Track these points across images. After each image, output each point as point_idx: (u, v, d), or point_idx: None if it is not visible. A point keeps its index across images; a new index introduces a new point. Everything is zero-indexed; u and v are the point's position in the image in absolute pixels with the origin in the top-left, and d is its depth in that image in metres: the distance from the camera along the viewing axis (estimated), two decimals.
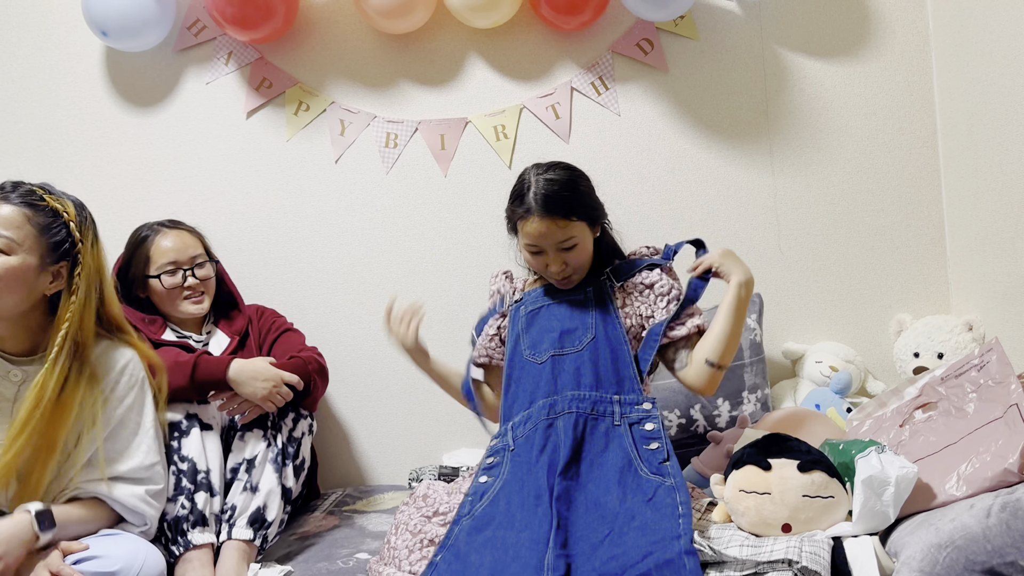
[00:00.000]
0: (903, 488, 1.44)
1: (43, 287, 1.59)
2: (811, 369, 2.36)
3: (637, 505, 1.54)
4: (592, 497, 1.59)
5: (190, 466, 1.81)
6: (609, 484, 1.60)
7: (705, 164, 2.47)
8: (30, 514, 1.52)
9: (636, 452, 1.65)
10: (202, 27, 2.47)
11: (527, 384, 1.81)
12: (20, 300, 1.56)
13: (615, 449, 1.66)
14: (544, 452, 1.68)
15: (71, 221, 1.60)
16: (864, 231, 2.46)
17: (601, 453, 1.67)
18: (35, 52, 2.52)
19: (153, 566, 1.60)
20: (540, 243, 1.80)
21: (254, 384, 1.87)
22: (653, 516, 1.50)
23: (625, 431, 1.69)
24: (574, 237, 1.79)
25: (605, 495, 1.58)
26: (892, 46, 2.43)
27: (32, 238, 1.56)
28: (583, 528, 1.53)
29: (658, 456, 1.64)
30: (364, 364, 2.51)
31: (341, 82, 2.50)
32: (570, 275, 1.85)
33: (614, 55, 2.46)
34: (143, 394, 1.71)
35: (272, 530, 1.87)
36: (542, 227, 1.77)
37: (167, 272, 2.07)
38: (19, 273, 1.54)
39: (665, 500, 1.53)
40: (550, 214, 1.76)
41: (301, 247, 2.51)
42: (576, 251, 1.82)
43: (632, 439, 1.68)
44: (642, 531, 1.47)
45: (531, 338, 1.86)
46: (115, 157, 2.51)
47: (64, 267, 1.60)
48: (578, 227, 1.79)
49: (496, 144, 2.47)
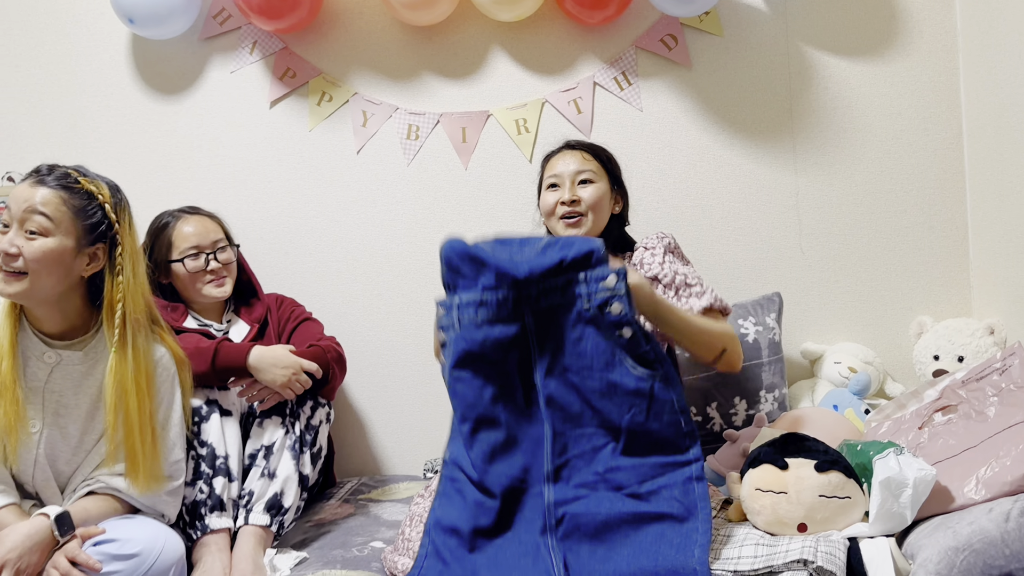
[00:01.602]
0: (921, 490, 1.44)
1: (80, 269, 1.61)
2: (830, 370, 2.35)
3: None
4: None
5: (209, 451, 1.83)
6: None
7: (727, 161, 2.46)
8: (49, 519, 1.54)
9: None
10: (227, 16, 2.49)
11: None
12: (57, 282, 1.59)
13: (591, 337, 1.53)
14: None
15: (106, 203, 1.62)
16: (886, 232, 2.44)
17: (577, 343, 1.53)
18: (63, 39, 2.54)
19: (172, 550, 1.62)
20: (560, 171, 1.90)
21: (274, 371, 1.89)
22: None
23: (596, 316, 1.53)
24: (593, 172, 1.90)
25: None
26: (919, 45, 2.41)
27: (68, 220, 1.58)
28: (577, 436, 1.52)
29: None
30: (381, 355, 2.52)
31: (364, 73, 2.51)
32: (579, 212, 1.85)
33: (637, 50, 2.46)
34: (173, 389, 1.74)
35: (288, 516, 1.88)
36: (565, 155, 1.94)
37: (190, 256, 2.09)
38: (56, 255, 1.57)
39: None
40: (576, 147, 1.96)
41: (321, 237, 2.52)
42: (591, 190, 1.87)
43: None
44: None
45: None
46: (140, 144, 2.53)
47: (101, 249, 1.62)
48: (599, 171, 1.92)
49: (517, 138, 2.47)
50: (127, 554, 1.55)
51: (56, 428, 1.65)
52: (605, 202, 1.89)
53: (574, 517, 1.46)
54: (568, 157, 1.93)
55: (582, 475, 1.50)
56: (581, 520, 1.46)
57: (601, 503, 1.47)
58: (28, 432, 1.62)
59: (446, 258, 1.58)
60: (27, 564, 1.49)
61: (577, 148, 1.95)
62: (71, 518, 1.56)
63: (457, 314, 1.55)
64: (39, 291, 1.57)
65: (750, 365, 2.24)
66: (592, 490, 1.49)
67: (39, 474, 1.65)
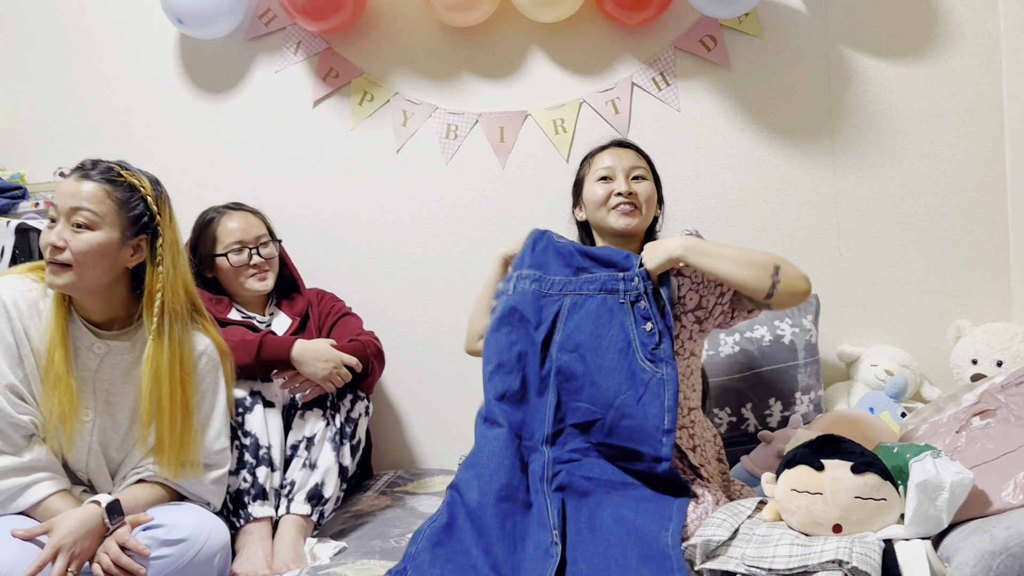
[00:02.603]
0: (958, 494, 1.44)
1: (124, 260, 1.66)
2: (866, 372, 2.34)
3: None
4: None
5: (253, 441, 1.87)
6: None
7: (766, 163, 2.46)
8: (100, 507, 1.59)
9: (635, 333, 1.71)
10: (273, 16, 2.54)
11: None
12: (103, 273, 1.63)
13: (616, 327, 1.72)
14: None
15: (148, 195, 1.67)
16: (925, 234, 2.43)
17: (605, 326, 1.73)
18: (113, 39, 2.61)
19: (218, 537, 1.66)
20: (612, 164, 1.90)
21: (316, 364, 1.93)
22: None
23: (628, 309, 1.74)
24: (644, 170, 1.90)
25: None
26: (961, 48, 2.39)
27: (113, 212, 1.62)
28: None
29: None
30: (418, 350, 2.56)
31: (405, 73, 2.55)
32: (635, 204, 1.85)
33: (676, 51, 2.47)
34: (217, 379, 1.78)
35: (328, 506, 1.93)
36: (617, 151, 1.93)
37: (234, 251, 2.15)
38: (103, 247, 1.61)
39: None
40: (627, 146, 1.95)
41: (361, 234, 2.56)
42: (645, 186, 1.89)
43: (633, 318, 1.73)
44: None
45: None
46: (186, 141, 2.60)
47: (143, 240, 1.67)
48: (648, 171, 1.92)
49: (555, 138, 2.50)
50: (175, 539, 1.59)
51: (107, 416, 1.70)
52: (654, 201, 1.91)
53: (568, 475, 1.65)
54: (621, 152, 1.92)
55: (575, 442, 1.68)
56: (573, 479, 1.64)
57: (592, 468, 1.66)
58: (82, 421, 1.67)
59: (529, 240, 1.86)
60: (80, 549, 1.54)
61: (628, 147, 1.96)
62: (121, 505, 1.61)
63: (514, 283, 1.81)
64: (86, 282, 1.62)
65: (786, 367, 2.24)
66: (584, 455, 1.67)
67: (92, 461, 1.70)
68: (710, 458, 1.81)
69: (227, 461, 1.79)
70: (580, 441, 1.68)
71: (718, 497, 1.68)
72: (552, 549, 1.51)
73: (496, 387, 1.72)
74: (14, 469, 1.59)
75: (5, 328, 1.60)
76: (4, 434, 1.59)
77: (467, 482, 1.61)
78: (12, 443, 1.59)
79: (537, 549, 1.52)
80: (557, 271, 1.81)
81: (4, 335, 1.60)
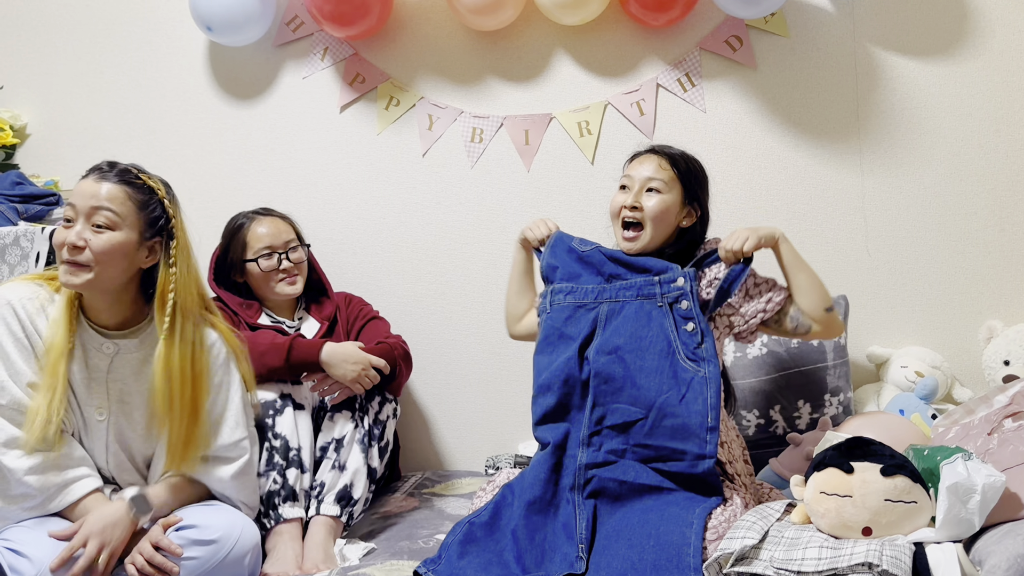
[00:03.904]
0: (990, 496, 1.42)
1: (140, 261, 1.69)
2: (896, 374, 2.32)
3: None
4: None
5: (283, 443, 1.90)
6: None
7: (792, 163, 2.45)
8: (125, 500, 1.62)
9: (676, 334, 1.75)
10: (300, 23, 2.57)
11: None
12: (120, 273, 1.67)
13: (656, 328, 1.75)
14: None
15: (164, 198, 1.70)
16: (955, 234, 2.40)
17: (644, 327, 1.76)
18: (144, 46, 2.66)
19: (249, 537, 1.68)
20: (633, 173, 1.89)
21: (344, 366, 1.95)
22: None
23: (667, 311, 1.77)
24: (663, 182, 1.85)
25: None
26: (991, 45, 2.37)
27: (133, 214, 1.65)
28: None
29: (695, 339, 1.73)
30: (445, 353, 2.57)
31: (430, 78, 2.56)
32: (638, 221, 1.84)
33: (702, 52, 2.46)
34: (229, 371, 1.80)
35: (358, 508, 1.95)
36: (645, 160, 1.90)
37: (263, 256, 2.17)
38: (123, 247, 1.65)
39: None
40: (658, 152, 1.91)
41: (388, 237, 2.58)
42: (656, 200, 1.84)
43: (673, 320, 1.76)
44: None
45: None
46: (216, 147, 2.63)
47: (158, 242, 1.70)
48: (671, 181, 1.87)
49: (580, 140, 2.50)
50: (206, 540, 1.62)
51: (123, 416, 1.73)
52: (670, 215, 1.85)
53: (600, 481, 1.67)
54: (646, 162, 1.89)
55: (612, 443, 1.70)
56: (606, 484, 1.66)
57: (627, 471, 1.67)
58: (96, 420, 1.71)
59: (550, 249, 1.93)
60: (110, 537, 1.58)
61: (658, 154, 1.90)
62: (146, 497, 1.64)
63: (550, 299, 1.86)
64: (103, 282, 1.65)
65: (815, 368, 2.23)
66: (620, 457, 1.69)
67: (112, 459, 1.73)
68: (737, 456, 1.81)
69: (245, 452, 1.78)
70: (618, 442, 1.69)
71: (747, 500, 1.68)
72: (577, 564, 1.56)
73: (538, 409, 1.78)
74: (50, 464, 1.62)
75: (17, 330, 1.63)
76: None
77: (512, 489, 1.70)
78: (44, 439, 1.61)
79: (563, 562, 1.57)
80: (588, 279, 1.84)
81: (18, 336, 1.63)
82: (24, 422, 1.60)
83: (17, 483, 1.59)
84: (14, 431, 1.60)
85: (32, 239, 2.26)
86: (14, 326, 1.63)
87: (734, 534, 1.53)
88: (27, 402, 1.60)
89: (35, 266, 2.24)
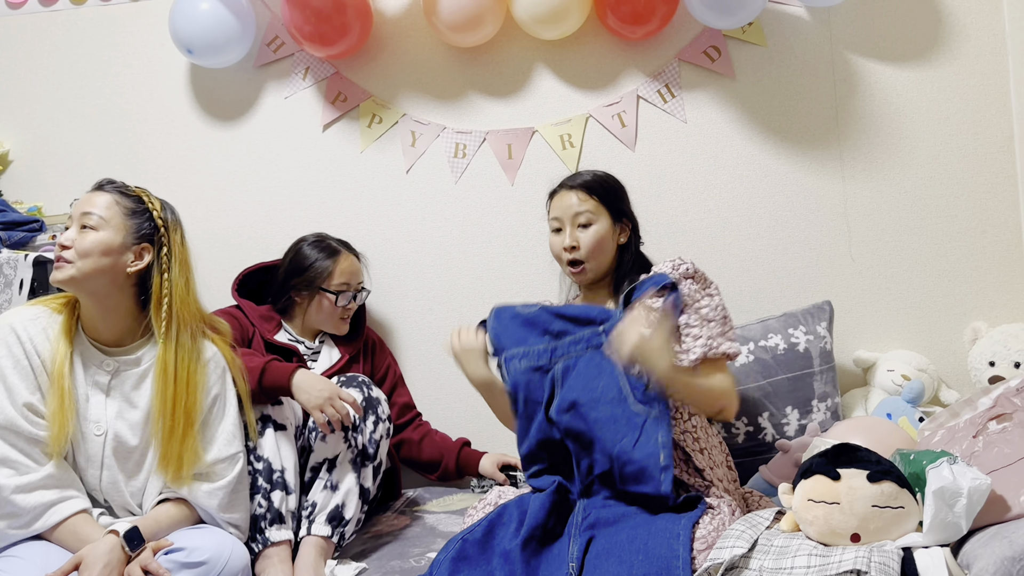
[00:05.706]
0: (976, 500, 1.43)
1: (126, 263, 1.73)
2: (883, 378, 2.33)
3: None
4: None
5: (266, 465, 1.88)
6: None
7: (774, 171, 2.46)
8: (119, 536, 1.62)
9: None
10: (281, 43, 2.57)
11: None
12: (102, 272, 1.71)
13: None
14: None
15: (154, 209, 1.78)
16: (938, 237, 2.42)
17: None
18: (124, 70, 2.66)
19: (238, 559, 1.68)
20: (559, 214, 1.92)
21: (311, 391, 1.91)
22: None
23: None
24: (590, 212, 1.89)
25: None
26: (967, 49, 2.39)
27: (118, 217, 1.74)
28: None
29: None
30: (432, 368, 2.57)
31: (412, 95, 2.57)
32: (580, 260, 1.88)
33: (680, 63, 2.48)
34: (225, 385, 1.83)
35: (349, 528, 1.94)
36: (563, 196, 1.93)
37: (343, 293, 2.24)
38: (104, 246, 1.71)
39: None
40: (572, 186, 1.93)
41: (373, 255, 2.58)
42: (590, 234, 1.88)
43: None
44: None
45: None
46: (199, 169, 2.63)
47: (147, 249, 1.75)
48: (596, 209, 1.90)
49: (562, 153, 2.51)
50: (195, 562, 1.62)
51: (120, 432, 1.74)
52: (606, 243, 1.90)
53: (597, 513, 1.70)
54: (566, 198, 1.93)
55: (605, 491, 1.74)
56: (603, 515, 1.69)
57: (619, 507, 1.71)
58: (93, 435, 1.73)
59: (494, 320, 1.91)
60: None
61: (573, 187, 1.93)
62: (140, 532, 1.64)
63: (505, 367, 1.86)
64: (88, 281, 1.70)
65: (802, 374, 2.24)
66: (617, 500, 1.72)
67: (106, 475, 1.74)
68: (719, 462, 1.81)
69: (238, 464, 1.79)
70: (607, 491, 1.73)
71: (733, 508, 1.68)
72: None
73: (529, 467, 1.85)
74: (38, 483, 1.64)
75: (18, 351, 1.68)
76: (25, 451, 1.64)
77: (509, 509, 1.72)
78: (34, 459, 1.65)
79: None
80: (536, 341, 1.84)
81: (17, 357, 1.68)
82: (25, 443, 1.65)
83: (4, 501, 1.62)
84: (7, 450, 1.63)
85: (15, 266, 2.25)
86: (15, 348, 1.69)
87: (723, 543, 1.53)
88: (22, 423, 1.64)
89: (19, 293, 2.23)
